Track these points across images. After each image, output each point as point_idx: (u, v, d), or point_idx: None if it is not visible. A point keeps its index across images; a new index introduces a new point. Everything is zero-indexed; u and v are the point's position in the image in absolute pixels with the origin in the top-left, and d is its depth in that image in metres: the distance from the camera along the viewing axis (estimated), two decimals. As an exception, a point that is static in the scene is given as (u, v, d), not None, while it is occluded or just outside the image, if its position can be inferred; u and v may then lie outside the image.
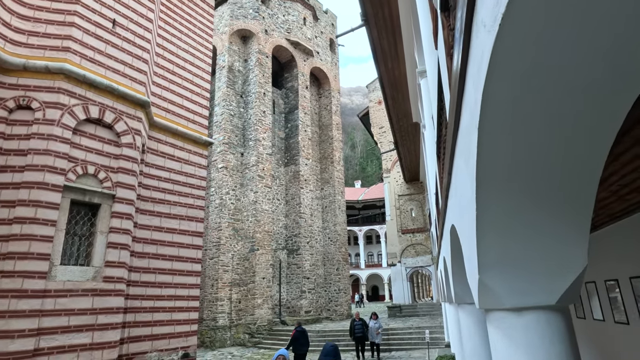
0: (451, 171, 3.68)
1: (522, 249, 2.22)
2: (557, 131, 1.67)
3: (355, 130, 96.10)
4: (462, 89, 2.04)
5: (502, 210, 2.11)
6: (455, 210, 3.50)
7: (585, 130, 1.67)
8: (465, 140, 2.23)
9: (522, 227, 2.16)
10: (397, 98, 15.63)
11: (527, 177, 1.97)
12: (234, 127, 21.64)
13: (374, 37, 11.83)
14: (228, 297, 19.07)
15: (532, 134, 1.73)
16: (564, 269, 2.13)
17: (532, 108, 1.59)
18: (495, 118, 1.69)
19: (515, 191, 2.04)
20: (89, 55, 7.11)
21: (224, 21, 23.20)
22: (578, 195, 1.92)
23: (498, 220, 2.13)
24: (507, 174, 1.96)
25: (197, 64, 10.09)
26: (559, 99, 1.51)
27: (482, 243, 2.33)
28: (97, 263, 6.58)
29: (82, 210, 6.67)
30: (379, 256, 52.10)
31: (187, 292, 8.55)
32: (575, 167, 1.83)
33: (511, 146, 1.83)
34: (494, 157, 1.91)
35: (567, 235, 2.08)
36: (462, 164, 2.55)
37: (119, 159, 7.19)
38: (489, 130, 1.76)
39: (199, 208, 9.19)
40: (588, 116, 1.59)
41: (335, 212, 25.14)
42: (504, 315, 2.27)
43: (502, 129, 1.72)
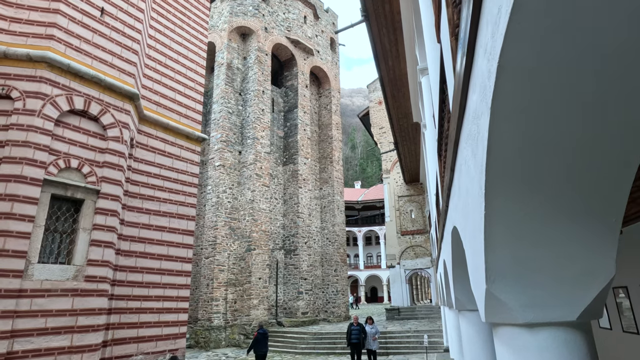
0: (454, 167, 3.35)
1: (539, 256, 1.90)
2: (587, 111, 1.35)
3: (355, 131, 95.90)
4: (470, 63, 1.71)
5: (517, 209, 1.79)
6: (458, 210, 3.18)
7: (623, 113, 1.35)
8: (473, 127, 1.91)
9: (539, 230, 1.83)
10: (397, 97, 15.35)
11: (547, 169, 1.64)
12: (232, 125, 21.33)
13: (374, 34, 11.53)
14: (223, 297, 18.74)
15: (556, 115, 1.40)
16: (588, 279, 1.81)
17: (560, 80, 1.27)
18: (513, 93, 1.36)
19: (533, 186, 1.72)
20: (75, 44, 6.79)
21: (223, 18, 22.90)
22: (609, 190, 1.60)
23: (511, 221, 1.81)
24: (523, 165, 1.63)
25: (191, 57, 9.77)
26: (593, 67, 1.19)
27: (491, 248, 2.01)
28: (78, 261, 6.25)
29: (63, 206, 6.35)
30: (378, 257, 51.81)
31: (177, 292, 8.22)
32: (609, 156, 1.50)
33: (530, 130, 1.51)
34: (508, 144, 1.58)
35: (594, 239, 1.75)
36: (468, 156, 2.23)
37: (104, 153, 6.87)
38: (504, 109, 1.43)
39: (191, 206, 8.87)
40: (626, 94, 1.27)
41: (334, 213, 24.81)
42: (515, 332, 1.95)
43: (520, 108, 1.40)
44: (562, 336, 1.68)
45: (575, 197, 1.72)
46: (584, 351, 1.64)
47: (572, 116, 1.40)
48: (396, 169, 25.54)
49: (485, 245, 1.99)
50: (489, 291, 1.98)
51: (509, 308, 1.93)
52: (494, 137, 1.56)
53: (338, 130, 26.94)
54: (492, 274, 2.02)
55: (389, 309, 21.54)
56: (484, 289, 2.03)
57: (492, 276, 2.02)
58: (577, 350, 1.64)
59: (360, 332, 10.86)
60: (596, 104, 1.33)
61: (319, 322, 21.55)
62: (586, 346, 1.65)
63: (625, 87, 1.23)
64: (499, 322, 2.07)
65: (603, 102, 1.32)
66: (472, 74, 1.71)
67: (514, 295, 1.95)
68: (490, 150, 1.64)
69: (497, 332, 2.13)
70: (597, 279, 1.75)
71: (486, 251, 2.00)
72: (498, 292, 1.98)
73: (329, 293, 23.58)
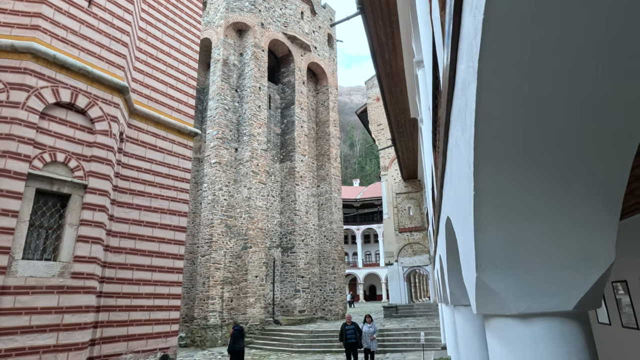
0: (446, 151, 3.20)
1: (532, 239, 1.75)
2: (587, 72, 1.20)
3: (354, 129, 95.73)
4: (458, 24, 1.55)
5: (508, 188, 1.64)
6: (451, 198, 3.05)
7: (630, 72, 1.20)
8: (461, 100, 1.76)
9: (533, 210, 1.68)
10: (394, 92, 15.19)
11: (541, 141, 1.49)
12: (228, 122, 21.14)
13: (370, 27, 11.36)
14: (220, 295, 18.59)
15: (550, 77, 1.26)
16: (586, 264, 1.66)
17: (554, 34, 1.11)
18: (500, 51, 1.21)
19: (526, 161, 1.57)
20: (61, 35, 6.62)
21: (219, 14, 22.69)
22: (610, 165, 1.45)
23: (502, 200, 1.66)
24: (514, 136, 1.48)
25: (184, 50, 9.60)
26: (593, 18, 1.04)
27: (481, 232, 1.86)
28: (65, 258, 6.09)
29: (49, 201, 6.18)
30: (376, 255, 51.73)
31: (168, 289, 8.07)
32: (611, 126, 1.36)
33: (520, 95, 1.36)
34: (497, 113, 1.43)
35: (593, 220, 1.61)
36: (458, 135, 2.08)
37: (92, 147, 6.71)
38: (491, 70, 1.28)
39: (183, 202, 8.70)
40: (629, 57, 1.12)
41: (332, 210, 24.66)
42: (507, 323, 1.80)
43: (509, 69, 1.25)
44: (558, 327, 1.53)
45: (573, 171, 1.57)
46: (581, 342, 1.49)
47: (569, 78, 1.25)
48: (394, 166, 25.39)
49: (475, 229, 1.84)
50: (480, 280, 1.84)
51: (501, 298, 1.78)
52: (481, 105, 1.40)
53: (335, 127, 26.76)
54: (482, 261, 1.87)
55: (387, 306, 21.42)
56: (475, 278, 1.89)
57: (482, 263, 1.87)
58: (574, 341, 1.49)
59: (355, 331, 10.46)
60: (596, 63, 1.18)
61: (316, 320, 21.42)
62: (583, 337, 1.51)
63: (631, 39, 1.08)
64: (491, 314, 1.93)
65: (605, 61, 1.17)
66: (460, 38, 1.56)
67: (506, 284, 1.80)
68: (478, 121, 1.49)
69: (488, 324, 1.98)
70: (596, 265, 1.61)
71: (476, 235, 1.85)
72: (489, 280, 1.84)
73: (327, 291, 23.45)
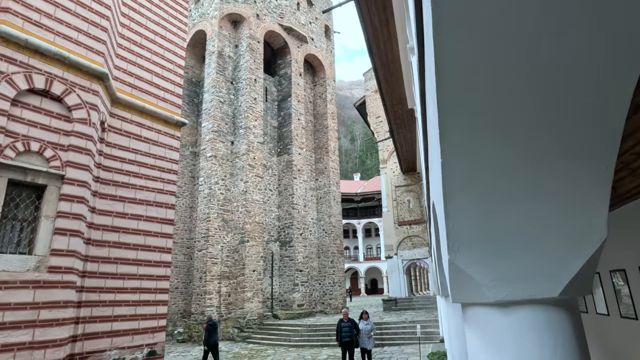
0: (426, 129, 2.91)
1: (509, 215, 1.47)
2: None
3: (355, 123, 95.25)
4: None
5: (478, 153, 1.35)
6: (433, 182, 2.75)
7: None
8: (429, 59, 1.47)
9: (509, 179, 1.39)
10: (391, 82, 14.85)
11: (514, 94, 1.20)
12: (223, 115, 20.83)
13: (364, 14, 11.00)
14: (217, 290, 18.40)
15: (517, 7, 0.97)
16: (574, 244, 1.38)
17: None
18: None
19: (497, 118, 1.28)
20: (34, 18, 6.32)
21: (214, 5, 22.29)
22: (599, 124, 1.16)
23: (472, 169, 1.37)
24: (481, 88, 1.19)
25: (170, 37, 9.28)
26: None
27: (451, 207, 1.59)
28: (40, 251, 5.83)
29: (23, 192, 5.92)
30: (377, 249, 51.54)
31: (155, 284, 7.82)
32: (598, 72, 1.06)
33: (484, 34, 1.07)
34: (457, 59, 1.14)
35: (580, 190, 1.32)
36: (430, 103, 1.80)
37: (69, 136, 6.43)
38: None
39: (170, 193, 8.43)
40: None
41: (330, 204, 24.40)
42: (485, 313, 1.53)
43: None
44: (543, 315, 1.25)
45: (554, 132, 1.28)
46: (569, 332, 1.22)
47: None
48: (393, 158, 25.05)
49: (445, 204, 1.56)
50: (453, 263, 1.56)
51: (477, 284, 1.50)
52: (440, 50, 1.11)
53: (334, 119, 26.42)
54: (455, 241, 1.59)
55: (386, 299, 21.22)
56: (447, 260, 1.61)
57: (455, 244, 1.59)
58: (561, 331, 1.22)
59: (352, 328, 9.83)
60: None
61: (315, 314, 21.24)
62: (571, 326, 1.23)
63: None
64: (467, 302, 1.64)
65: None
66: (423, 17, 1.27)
67: (481, 267, 1.52)
68: (439, 71, 1.20)
69: (465, 314, 1.70)
70: (585, 244, 1.32)
71: (446, 211, 1.57)
72: (463, 263, 1.55)
73: (326, 285, 23.25)
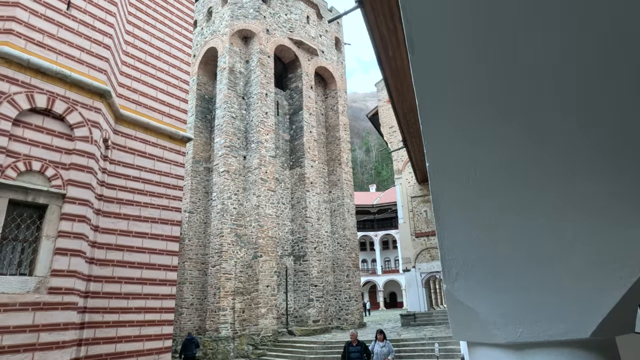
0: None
1: (521, 233, 1.18)
2: None
3: (369, 134, 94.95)
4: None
5: (469, 146, 1.10)
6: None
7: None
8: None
9: (519, 187, 1.12)
10: (401, 91, 14.57)
11: (514, 62, 0.94)
12: (235, 130, 20.88)
13: (371, 22, 10.81)
14: (231, 306, 18.16)
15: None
16: (608, 269, 1.07)
17: None
18: None
19: (491, 101, 1.02)
20: (37, 38, 6.35)
21: (224, 22, 22.61)
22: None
23: (465, 168, 1.11)
24: (464, 59, 0.94)
25: (175, 53, 9.28)
26: None
27: (444, 220, 1.33)
28: (41, 272, 5.72)
29: (24, 212, 5.85)
30: (395, 262, 50.58)
31: (160, 303, 7.64)
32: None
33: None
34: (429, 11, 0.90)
35: (615, 199, 1.03)
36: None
37: (71, 154, 6.37)
38: None
39: (175, 210, 8.31)
40: None
41: (345, 216, 24.02)
42: (496, 356, 1.22)
43: None
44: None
45: (577, 122, 0.99)
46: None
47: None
48: (408, 168, 24.62)
49: (438, 218, 1.29)
50: (450, 294, 1.27)
51: (483, 320, 1.20)
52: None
53: (346, 131, 26.22)
54: (451, 267, 1.31)
55: (405, 314, 20.58)
56: (445, 291, 1.32)
57: (452, 270, 1.31)
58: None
59: (362, 353, 7.92)
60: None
61: (331, 330, 20.72)
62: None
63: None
64: (472, 341, 1.34)
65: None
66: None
67: (486, 300, 1.22)
68: (411, 35, 0.96)
69: (472, 354, 1.39)
70: (623, 269, 1.02)
71: (440, 227, 1.30)
72: (463, 295, 1.26)
73: (342, 299, 22.74)
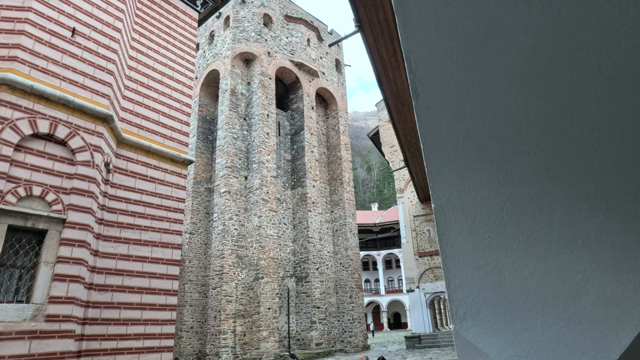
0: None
1: (533, 268, 1.13)
2: None
3: (371, 153, 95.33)
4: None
5: (473, 177, 1.06)
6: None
7: None
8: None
9: (531, 218, 1.08)
10: (402, 111, 14.69)
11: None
12: (237, 150, 20.97)
13: (370, 45, 10.98)
14: (232, 329, 17.83)
15: None
16: (621, 308, 1.01)
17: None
18: None
19: (504, 144, 1.00)
20: (41, 65, 6.44)
21: (226, 45, 23.02)
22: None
23: (470, 201, 1.07)
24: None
25: (177, 77, 9.40)
26: None
27: (451, 256, 1.29)
28: (38, 299, 5.63)
29: (23, 238, 5.80)
30: (399, 281, 49.95)
31: (160, 329, 7.49)
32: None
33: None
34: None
35: (628, 243, 0.98)
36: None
37: (72, 179, 6.37)
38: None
39: (176, 233, 8.24)
40: None
41: (347, 236, 23.84)
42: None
43: None
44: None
45: (582, 165, 0.97)
46: None
47: None
48: (410, 187, 24.58)
49: (443, 258, 1.25)
50: (459, 335, 1.21)
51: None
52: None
53: (347, 150, 26.32)
54: (459, 306, 1.25)
55: (409, 336, 20.15)
56: (453, 331, 1.26)
57: (459, 309, 1.24)
58: None
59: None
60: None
61: (334, 353, 20.27)
62: None
63: None
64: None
65: None
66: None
67: (496, 341, 1.16)
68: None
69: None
70: (634, 310, 0.96)
71: (446, 265, 1.25)
72: (472, 335, 1.20)
73: (345, 321, 22.32)
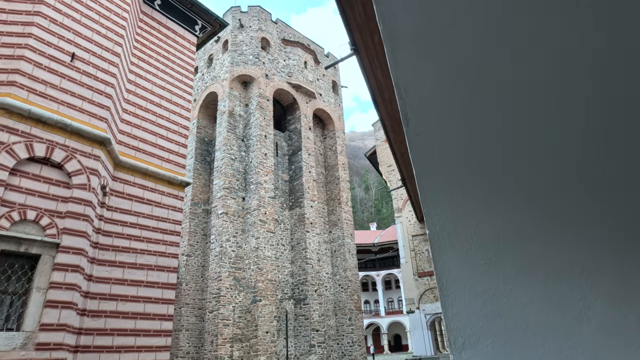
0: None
1: (533, 297, 1.09)
2: None
3: (368, 172, 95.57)
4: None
5: (477, 215, 1.04)
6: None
7: None
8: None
9: (526, 249, 1.04)
10: (398, 131, 14.74)
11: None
12: (234, 172, 20.98)
13: (366, 67, 11.12)
14: (229, 354, 17.40)
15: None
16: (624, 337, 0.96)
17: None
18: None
19: (497, 172, 0.98)
20: (40, 89, 6.48)
21: (224, 68, 23.35)
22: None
23: (473, 230, 1.05)
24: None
25: (175, 100, 9.47)
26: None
27: (448, 286, 1.24)
28: (29, 327, 5.49)
29: (16, 263, 5.70)
30: (399, 302, 49.21)
31: (154, 356, 7.29)
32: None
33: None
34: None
35: (628, 268, 0.94)
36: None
37: (67, 202, 6.31)
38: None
39: (172, 256, 8.13)
40: None
41: (345, 256, 23.62)
42: None
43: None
44: None
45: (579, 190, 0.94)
46: None
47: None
48: (408, 206, 24.50)
49: (440, 286, 1.20)
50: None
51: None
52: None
53: (345, 170, 26.37)
54: (457, 336, 1.19)
55: (410, 359, 19.70)
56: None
57: (458, 339, 1.19)
58: None
59: None
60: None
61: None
62: None
63: None
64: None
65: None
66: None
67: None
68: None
69: None
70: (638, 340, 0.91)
71: (442, 296, 1.20)
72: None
73: (344, 345, 21.85)
